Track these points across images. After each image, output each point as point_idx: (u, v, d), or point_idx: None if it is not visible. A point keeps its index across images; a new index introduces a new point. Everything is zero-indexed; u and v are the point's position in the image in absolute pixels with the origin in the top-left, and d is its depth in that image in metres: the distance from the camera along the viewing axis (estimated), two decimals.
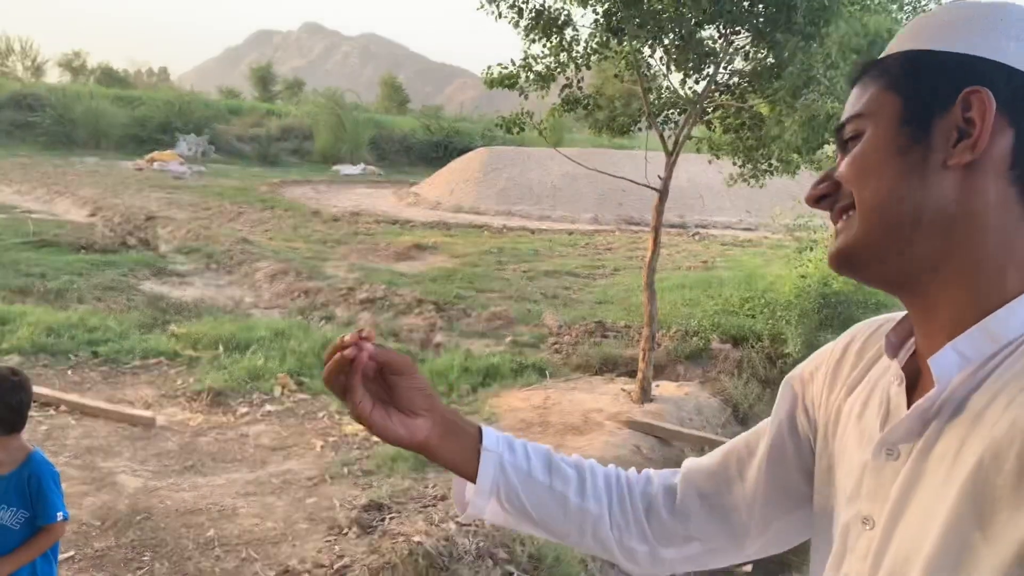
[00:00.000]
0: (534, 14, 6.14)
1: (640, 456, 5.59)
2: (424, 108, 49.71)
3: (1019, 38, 0.71)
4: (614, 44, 6.27)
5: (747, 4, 5.73)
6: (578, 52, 6.32)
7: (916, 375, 0.77)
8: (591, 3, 5.98)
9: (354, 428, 5.72)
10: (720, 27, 5.99)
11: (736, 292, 9.58)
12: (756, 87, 6.15)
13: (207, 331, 7.71)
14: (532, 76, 6.41)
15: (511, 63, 6.48)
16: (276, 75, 60.17)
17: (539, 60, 6.39)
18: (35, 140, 29.39)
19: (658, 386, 6.98)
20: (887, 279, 0.77)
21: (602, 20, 6.07)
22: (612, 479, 1.01)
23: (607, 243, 15.58)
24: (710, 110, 6.56)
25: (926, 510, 0.68)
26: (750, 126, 6.36)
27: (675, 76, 6.51)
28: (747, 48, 6.15)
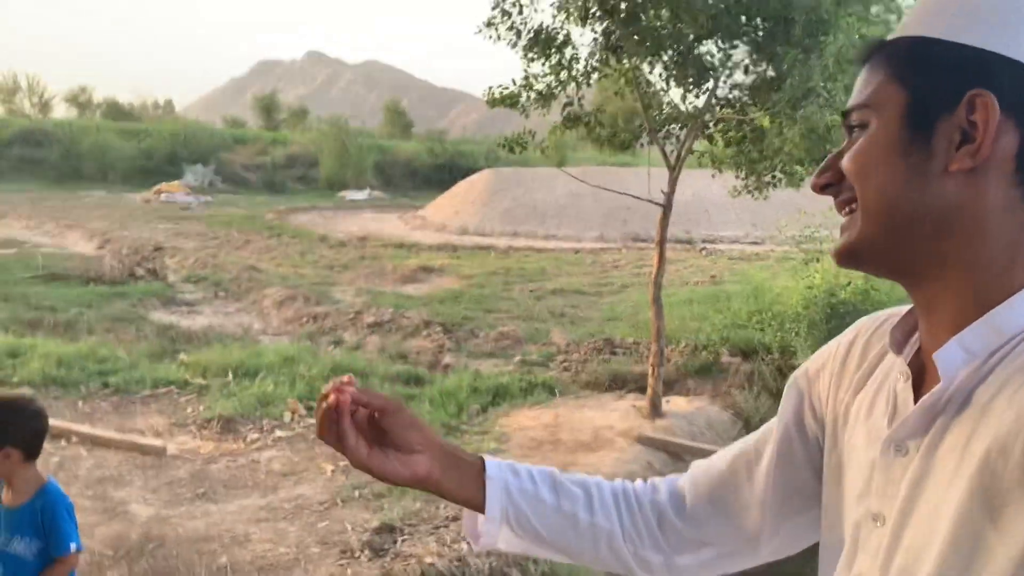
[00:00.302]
0: (532, 34, 6.19)
1: (652, 472, 5.56)
2: (428, 132, 50.03)
3: None
4: (613, 62, 6.31)
5: (745, 19, 5.76)
6: (578, 70, 6.36)
7: (921, 370, 0.77)
8: (589, 21, 6.02)
9: None
10: (718, 42, 6.02)
11: (744, 305, 9.57)
12: (756, 100, 6.17)
13: (216, 359, 7.74)
14: (533, 95, 6.45)
15: (512, 83, 6.54)
16: (280, 104, 60.75)
17: (539, 79, 6.44)
18: (44, 175, 29.73)
19: (668, 401, 6.96)
20: (891, 272, 0.77)
21: (601, 38, 6.12)
22: (619, 493, 1.01)
23: (613, 260, 15.60)
24: (711, 124, 6.59)
25: (936, 505, 0.68)
26: (751, 139, 6.37)
27: (675, 91, 6.55)
28: (746, 62, 6.18)
